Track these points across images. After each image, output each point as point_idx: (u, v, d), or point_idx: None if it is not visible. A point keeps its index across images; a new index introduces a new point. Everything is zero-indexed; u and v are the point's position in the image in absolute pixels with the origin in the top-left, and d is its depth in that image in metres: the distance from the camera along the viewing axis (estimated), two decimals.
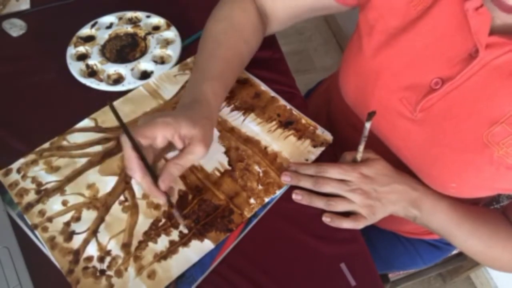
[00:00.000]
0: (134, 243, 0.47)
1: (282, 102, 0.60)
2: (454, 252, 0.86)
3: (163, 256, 0.47)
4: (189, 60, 0.64)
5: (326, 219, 0.51)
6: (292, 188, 0.52)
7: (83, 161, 0.53)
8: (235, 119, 0.58)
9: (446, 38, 0.45)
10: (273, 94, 0.61)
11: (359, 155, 0.51)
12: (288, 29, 0.64)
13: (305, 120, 0.58)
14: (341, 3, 0.56)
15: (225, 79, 0.52)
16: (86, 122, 0.56)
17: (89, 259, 0.46)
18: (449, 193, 0.51)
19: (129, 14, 0.69)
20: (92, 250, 0.47)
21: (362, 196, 0.50)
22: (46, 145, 0.54)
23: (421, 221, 0.53)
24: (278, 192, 0.52)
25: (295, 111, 0.59)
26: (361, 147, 0.50)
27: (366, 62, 0.51)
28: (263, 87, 0.61)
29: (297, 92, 0.63)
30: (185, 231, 0.48)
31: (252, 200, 0.51)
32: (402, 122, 0.50)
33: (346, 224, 0.51)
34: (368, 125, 0.46)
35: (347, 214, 0.51)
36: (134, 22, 0.68)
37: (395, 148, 0.54)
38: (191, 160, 0.45)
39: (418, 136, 0.49)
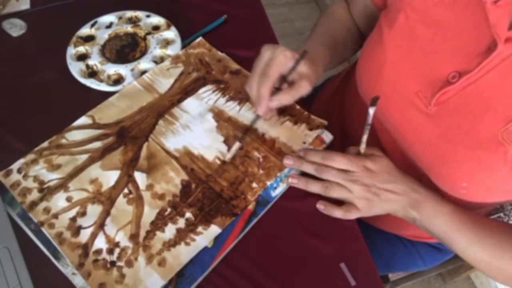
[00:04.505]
0: (142, 233, 0.48)
1: None
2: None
3: (172, 244, 0.47)
4: (180, 52, 0.64)
5: (320, 206, 0.52)
6: (293, 187, 0.53)
7: (83, 157, 0.53)
8: (231, 109, 0.59)
9: (466, 32, 0.44)
10: None
11: (363, 146, 0.51)
12: (288, 29, 0.67)
13: (298, 106, 0.60)
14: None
15: (332, 51, 0.61)
16: (83, 120, 0.56)
17: (98, 252, 0.47)
18: (459, 194, 0.50)
19: (129, 13, 0.69)
20: (100, 243, 0.47)
21: (361, 188, 0.50)
22: (45, 144, 0.54)
23: (420, 224, 0.52)
24: (279, 191, 0.53)
25: None
26: (364, 137, 0.50)
27: (385, 53, 0.51)
28: None
29: None
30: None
31: (254, 184, 0.52)
32: (416, 115, 0.49)
33: (338, 212, 0.51)
34: (371, 110, 0.45)
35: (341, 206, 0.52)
36: (134, 21, 0.68)
37: (406, 143, 0.53)
38: (300, 92, 0.50)
39: (431, 131, 0.48)
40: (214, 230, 0.49)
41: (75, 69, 0.61)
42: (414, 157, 0.53)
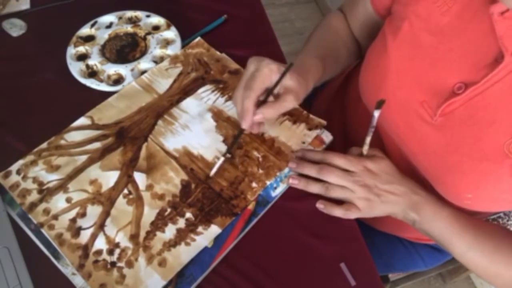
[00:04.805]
0: (142, 233, 0.48)
1: None
2: None
3: (172, 244, 0.47)
4: (179, 52, 0.64)
5: (319, 205, 0.52)
6: (293, 187, 0.53)
7: (83, 158, 0.53)
8: (230, 108, 0.59)
9: (472, 42, 0.44)
10: None
11: (366, 147, 0.51)
12: (288, 29, 0.67)
13: (297, 105, 0.60)
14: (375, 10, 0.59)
15: (326, 63, 0.59)
16: (82, 121, 0.56)
17: (99, 252, 0.47)
18: (464, 205, 0.49)
19: (129, 13, 0.68)
20: (100, 243, 0.47)
21: (363, 188, 0.50)
22: (44, 145, 0.54)
23: (420, 226, 0.52)
24: (279, 191, 0.53)
25: None
26: (368, 139, 0.50)
27: (389, 61, 0.50)
28: None
29: None
30: (191, 217, 0.49)
31: (254, 184, 0.52)
32: (421, 126, 0.49)
33: (338, 211, 0.51)
34: (376, 113, 0.45)
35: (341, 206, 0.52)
36: (134, 21, 0.68)
37: (411, 153, 0.52)
38: (284, 107, 0.49)
39: (436, 142, 0.48)
40: (214, 230, 0.49)
41: (75, 69, 0.61)
42: (419, 167, 0.52)
